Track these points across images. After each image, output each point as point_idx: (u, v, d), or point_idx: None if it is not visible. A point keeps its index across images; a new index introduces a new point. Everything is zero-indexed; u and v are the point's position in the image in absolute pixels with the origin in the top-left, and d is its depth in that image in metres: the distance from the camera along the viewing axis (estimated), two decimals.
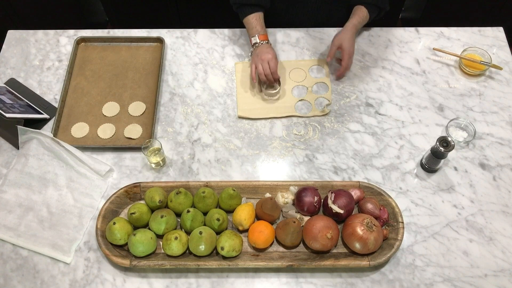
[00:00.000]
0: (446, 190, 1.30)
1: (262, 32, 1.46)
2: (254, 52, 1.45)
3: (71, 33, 1.61)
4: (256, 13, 1.47)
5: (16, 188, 1.29)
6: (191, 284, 1.17)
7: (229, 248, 1.14)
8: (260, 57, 1.41)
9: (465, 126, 1.39)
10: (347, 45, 1.42)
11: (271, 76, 1.41)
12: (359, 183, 1.26)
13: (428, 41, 1.58)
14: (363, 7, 1.48)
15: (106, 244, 1.18)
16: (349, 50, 1.43)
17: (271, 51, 1.42)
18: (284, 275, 1.18)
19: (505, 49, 1.56)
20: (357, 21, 1.46)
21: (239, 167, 1.34)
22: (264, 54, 1.41)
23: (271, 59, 1.41)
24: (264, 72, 1.41)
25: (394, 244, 1.17)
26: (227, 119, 1.43)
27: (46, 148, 1.33)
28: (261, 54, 1.42)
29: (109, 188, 1.31)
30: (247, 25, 1.49)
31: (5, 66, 1.54)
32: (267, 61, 1.40)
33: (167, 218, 1.18)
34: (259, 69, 1.41)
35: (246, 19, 1.48)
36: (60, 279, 1.18)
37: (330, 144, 1.38)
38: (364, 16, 1.47)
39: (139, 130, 1.40)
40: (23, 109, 1.38)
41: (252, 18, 1.46)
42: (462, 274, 1.18)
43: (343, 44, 1.43)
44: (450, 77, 1.50)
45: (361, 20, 1.47)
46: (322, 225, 1.15)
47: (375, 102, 1.46)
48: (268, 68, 1.40)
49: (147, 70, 1.52)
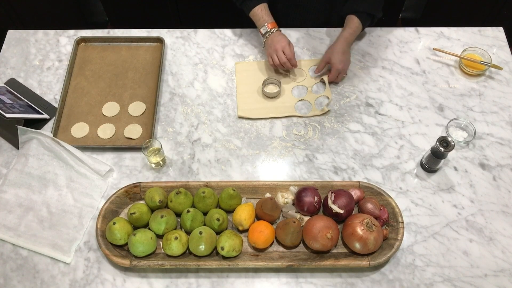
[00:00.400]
0: (446, 190, 1.30)
1: (270, 20, 1.44)
2: (266, 43, 1.43)
3: (71, 33, 1.61)
4: (260, 5, 1.45)
5: (16, 188, 1.29)
6: (191, 284, 1.17)
7: (229, 248, 1.14)
8: (274, 47, 1.39)
9: (465, 126, 1.39)
10: (335, 60, 1.41)
11: (289, 64, 1.40)
12: (359, 183, 1.26)
13: (428, 41, 1.58)
14: (355, 17, 1.46)
15: (106, 244, 1.18)
16: (337, 66, 1.41)
17: (283, 38, 1.40)
18: (284, 275, 1.18)
19: (505, 49, 1.56)
20: (348, 33, 1.44)
21: (239, 167, 1.34)
22: (277, 43, 1.39)
23: (285, 46, 1.38)
24: (280, 61, 1.39)
25: (394, 244, 1.17)
26: (227, 119, 1.43)
27: (46, 148, 1.33)
28: (274, 43, 1.39)
29: (109, 188, 1.31)
30: (254, 18, 1.47)
31: (5, 66, 1.54)
32: (281, 49, 1.38)
33: (167, 218, 1.18)
34: (275, 60, 1.39)
35: (252, 12, 1.46)
36: (60, 279, 1.18)
37: (330, 144, 1.38)
38: (356, 27, 1.45)
39: (139, 130, 1.40)
40: (23, 109, 1.38)
41: (258, 9, 1.45)
42: (462, 274, 1.18)
43: (331, 59, 1.42)
44: (450, 77, 1.50)
45: (352, 31, 1.44)
46: (322, 225, 1.15)
47: (375, 102, 1.46)
48: (283, 56, 1.38)
49: (147, 70, 1.52)
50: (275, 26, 1.44)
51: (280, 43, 1.39)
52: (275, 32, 1.43)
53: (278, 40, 1.40)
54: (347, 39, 1.44)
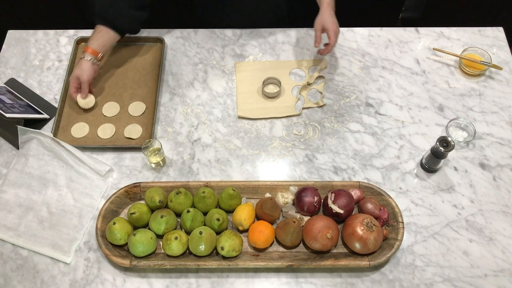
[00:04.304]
0: (446, 190, 1.30)
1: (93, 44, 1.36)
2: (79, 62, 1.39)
3: (71, 33, 1.61)
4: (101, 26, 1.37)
5: (16, 188, 1.29)
6: (191, 284, 1.17)
7: (229, 248, 1.14)
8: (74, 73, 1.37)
9: (465, 126, 1.39)
10: (330, 24, 1.39)
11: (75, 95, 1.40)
12: (359, 183, 1.26)
13: (428, 41, 1.58)
14: None
15: (106, 244, 1.18)
16: (333, 28, 1.39)
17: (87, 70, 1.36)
18: (284, 275, 1.18)
19: (505, 49, 1.56)
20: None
21: (239, 167, 1.34)
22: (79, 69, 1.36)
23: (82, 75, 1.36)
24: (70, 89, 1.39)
25: (394, 244, 1.17)
26: (227, 119, 1.43)
27: (46, 148, 1.33)
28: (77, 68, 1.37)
29: (109, 188, 1.31)
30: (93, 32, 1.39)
31: (5, 66, 1.54)
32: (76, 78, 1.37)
33: (167, 218, 1.18)
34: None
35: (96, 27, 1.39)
36: (60, 279, 1.18)
37: (330, 144, 1.38)
38: None
39: (139, 130, 1.40)
40: (23, 109, 1.38)
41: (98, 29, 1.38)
42: (462, 274, 1.18)
43: (325, 25, 1.40)
44: (450, 77, 1.50)
45: None
46: (322, 225, 1.15)
47: (375, 102, 1.46)
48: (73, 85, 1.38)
49: (147, 70, 1.52)
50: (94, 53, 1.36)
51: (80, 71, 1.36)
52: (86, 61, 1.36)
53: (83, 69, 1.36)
54: (330, 3, 1.41)
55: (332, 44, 1.41)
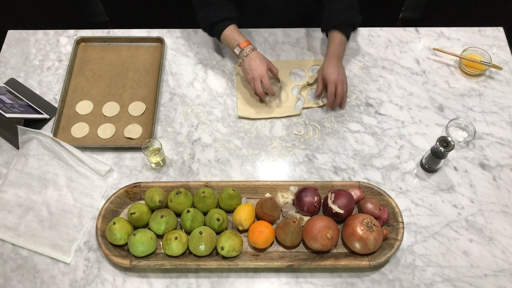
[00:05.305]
0: (446, 190, 1.30)
1: (241, 39, 1.39)
2: (243, 65, 1.39)
3: (71, 33, 1.61)
4: (230, 26, 1.40)
5: (16, 188, 1.29)
6: (191, 284, 1.17)
7: (229, 248, 1.14)
8: (252, 75, 1.36)
9: (465, 126, 1.39)
10: (328, 74, 1.37)
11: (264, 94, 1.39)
12: (359, 183, 1.26)
13: (428, 41, 1.58)
14: (335, 31, 1.41)
15: (106, 244, 1.18)
16: (331, 78, 1.37)
17: (261, 64, 1.36)
18: (284, 275, 1.18)
19: (505, 49, 1.56)
20: (333, 48, 1.39)
21: (239, 167, 1.34)
22: (255, 71, 1.35)
23: (263, 75, 1.35)
24: (257, 91, 1.37)
25: (394, 244, 1.17)
26: (227, 119, 1.43)
27: (46, 148, 1.33)
28: (252, 71, 1.36)
29: (109, 188, 1.31)
30: (226, 41, 1.42)
31: (5, 66, 1.54)
32: (259, 79, 1.36)
33: (167, 218, 1.18)
34: (253, 88, 1.38)
35: (222, 36, 1.41)
36: (60, 279, 1.18)
37: (330, 144, 1.38)
38: (339, 40, 1.40)
39: (139, 130, 1.40)
40: (23, 109, 1.38)
41: (227, 32, 1.40)
42: (462, 274, 1.18)
43: (324, 75, 1.38)
44: (450, 77, 1.50)
45: (337, 45, 1.40)
46: (322, 225, 1.15)
47: (375, 102, 1.46)
48: (260, 88, 1.36)
49: (147, 70, 1.52)
50: (248, 44, 1.38)
51: (258, 71, 1.35)
52: (251, 53, 1.37)
53: (256, 67, 1.35)
54: (334, 54, 1.39)
55: (331, 94, 1.38)
